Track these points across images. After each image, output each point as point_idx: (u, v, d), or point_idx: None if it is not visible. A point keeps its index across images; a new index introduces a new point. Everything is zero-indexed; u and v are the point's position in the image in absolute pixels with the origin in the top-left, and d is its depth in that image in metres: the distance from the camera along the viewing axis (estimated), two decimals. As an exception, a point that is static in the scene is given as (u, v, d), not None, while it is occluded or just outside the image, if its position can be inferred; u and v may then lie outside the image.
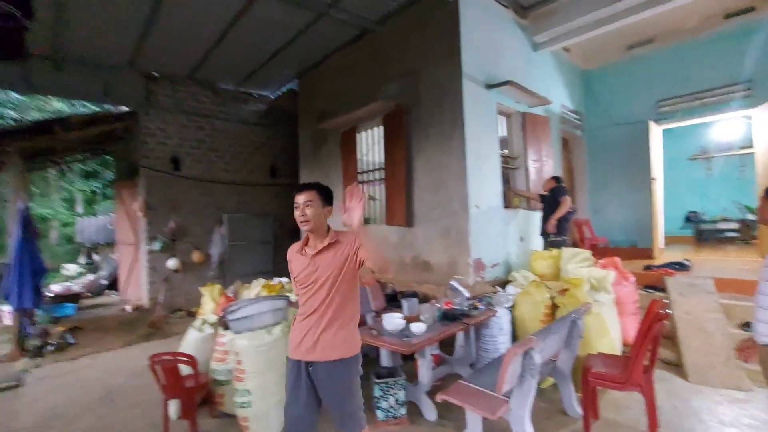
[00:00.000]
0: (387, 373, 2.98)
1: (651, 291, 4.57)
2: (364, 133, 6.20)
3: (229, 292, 4.11)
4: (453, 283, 3.87)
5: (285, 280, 4.43)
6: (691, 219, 8.50)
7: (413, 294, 4.25)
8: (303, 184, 2.00)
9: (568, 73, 7.09)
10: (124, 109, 6.86)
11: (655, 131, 6.77)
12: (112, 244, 9.80)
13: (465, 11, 4.67)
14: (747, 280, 4.19)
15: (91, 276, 10.20)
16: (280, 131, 8.50)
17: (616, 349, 3.51)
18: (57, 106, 12.41)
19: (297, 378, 1.91)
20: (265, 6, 4.97)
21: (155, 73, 6.93)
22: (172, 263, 6.92)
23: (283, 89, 8.14)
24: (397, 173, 5.27)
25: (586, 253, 4.32)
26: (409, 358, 3.23)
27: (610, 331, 3.48)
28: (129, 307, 7.12)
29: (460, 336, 3.73)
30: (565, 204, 5.00)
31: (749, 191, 7.37)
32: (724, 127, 8.00)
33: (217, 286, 4.05)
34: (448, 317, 3.27)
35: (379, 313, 3.61)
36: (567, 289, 3.66)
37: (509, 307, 3.75)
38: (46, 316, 5.66)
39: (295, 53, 6.37)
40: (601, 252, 5.77)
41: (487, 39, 5.04)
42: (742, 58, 5.92)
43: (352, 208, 1.74)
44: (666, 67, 6.70)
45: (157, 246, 6.85)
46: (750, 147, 6.96)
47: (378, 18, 5.44)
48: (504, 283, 4.49)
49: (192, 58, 6.48)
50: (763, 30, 5.77)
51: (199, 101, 7.47)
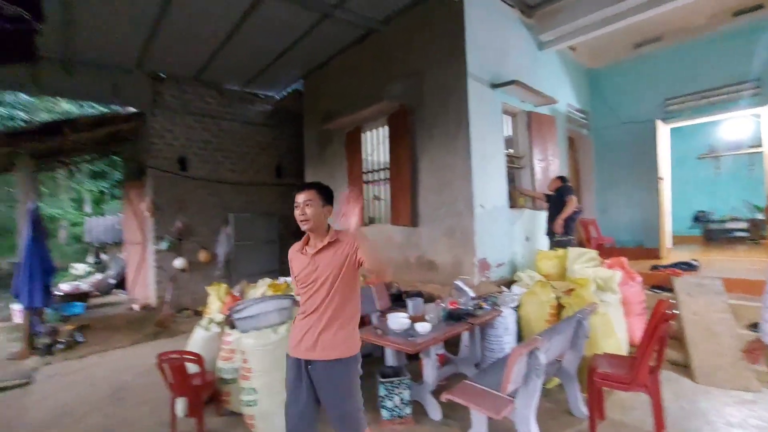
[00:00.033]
0: (392, 373, 2.99)
1: (658, 291, 4.53)
2: (368, 133, 6.21)
3: (236, 291, 4.14)
4: (458, 282, 3.87)
5: (290, 279, 4.44)
6: (699, 218, 8.41)
7: (418, 294, 4.25)
8: (303, 183, 2.01)
9: (574, 72, 7.05)
10: (131, 110, 6.95)
11: (663, 130, 6.70)
12: (119, 244, 9.91)
13: (470, 11, 4.67)
14: (756, 281, 4.15)
15: (99, 275, 10.31)
16: (286, 131, 8.53)
17: (623, 350, 3.49)
18: (66, 107, 12.56)
19: (297, 376, 1.91)
20: (271, 7, 5.01)
21: (162, 75, 6.99)
22: (179, 263, 6.97)
23: (289, 90, 8.18)
24: (402, 173, 5.28)
25: (593, 253, 4.30)
26: (414, 358, 3.23)
27: (616, 331, 3.47)
28: (136, 306, 7.20)
29: (465, 336, 3.73)
30: (571, 204, 4.98)
31: (758, 190, 7.29)
32: (733, 125, 7.90)
33: (224, 286, 4.07)
34: (453, 317, 3.27)
35: (384, 313, 3.62)
36: (573, 289, 3.65)
37: (514, 307, 3.75)
38: (55, 314, 5.73)
39: (300, 54, 6.40)
40: (607, 252, 5.73)
41: (493, 38, 5.02)
42: (750, 56, 5.85)
43: (347, 213, 1.72)
44: (673, 65, 6.64)
45: (164, 245, 6.92)
46: (759, 146, 6.86)
47: (383, 18, 5.45)
48: (509, 283, 4.48)
49: (198, 59, 6.53)
50: (772, 27, 5.71)
51: (206, 102, 7.53)
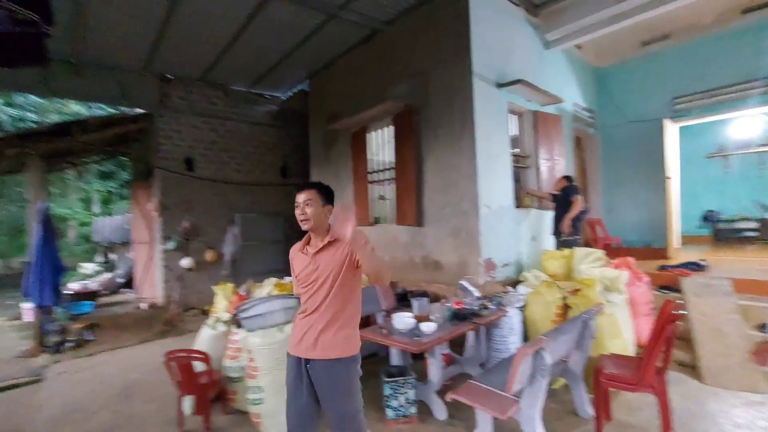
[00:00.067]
0: (397, 372, 2.99)
1: (666, 291, 4.49)
2: (374, 133, 6.22)
3: (242, 290, 4.17)
4: (463, 282, 3.86)
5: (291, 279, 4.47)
6: (708, 218, 8.31)
7: (423, 293, 4.25)
8: (303, 183, 2.01)
9: (581, 70, 7.00)
10: (139, 111, 7.02)
11: (671, 129, 6.64)
12: (127, 244, 10.01)
13: (475, 10, 4.66)
14: (766, 281, 4.10)
15: (107, 274, 10.44)
16: (291, 132, 8.57)
17: (629, 350, 3.47)
18: (75, 108, 12.72)
19: (297, 375, 1.91)
20: (277, 8, 5.04)
21: (169, 76, 7.06)
22: (186, 262, 7.03)
23: (294, 90, 8.21)
24: (407, 173, 5.28)
25: (599, 252, 4.27)
26: (419, 358, 3.24)
27: (622, 331, 3.44)
28: (144, 305, 7.28)
29: (471, 336, 3.73)
30: (578, 203, 4.96)
31: (769, 190, 7.20)
32: (742, 124, 7.80)
33: (230, 285, 4.10)
34: (459, 317, 3.26)
35: (389, 313, 3.63)
36: (579, 290, 3.63)
37: (520, 307, 3.73)
38: (65, 313, 5.80)
39: (306, 54, 6.43)
40: (614, 252, 5.69)
41: (498, 37, 5.01)
42: (760, 54, 5.78)
43: (341, 223, 1.66)
44: (682, 63, 6.58)
45: (171, 245, 6.98)
46: (769, 145, 6.79)
47: (388, 19, 5.45)
48: (515, 283, 4.46)
49: (205, 60, 6.59)
50: (783, 25, 5.64)
51: (212, 103, 7.59)
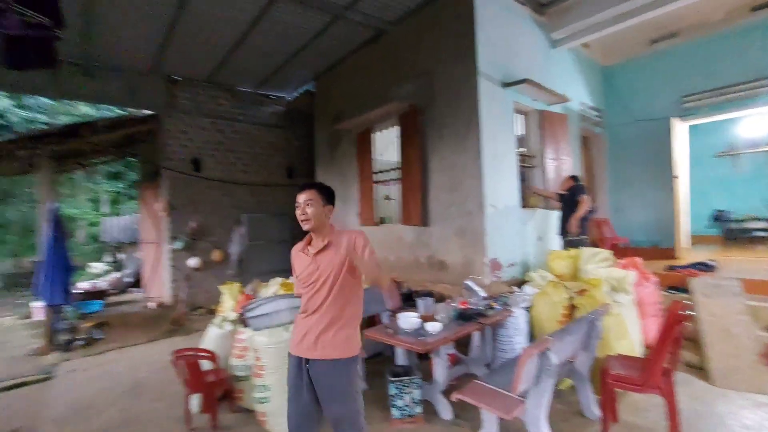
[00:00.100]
0: (402, 372, 3.00)
1: (674, 292, 4.45)
2: (379, 133, 6.23)
3: (248, 290, 4.19)
4: (469, 282, 3.86)
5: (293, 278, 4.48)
6: (717, 218, 8.21)
7: (429, 293, 4.24)
8: (304, 183, 2.03)
9: (588, 69, 6.95)
10: (147, 112, 7.09)
11: (679, 128, 6.57)
12: (135, 243, 10.13)
13: (481, 9, 4.64)
14: (776, 282, 4.04)
15: (116, 274, 10.57)
16: (297, 132, 8.61)
17: (636, 351, 3.44)
18: (84, 110, 12.88)
19: (298, 375, 1.92)
20: (283, 10, 5.07)
21: (177, 77, 7.12)
22: (193, 262, 7.10)
23: (300, 91, 8.24)
24: (413, 173, 5.28)
25: (606, 253, 4.23)
26: (424, 357, 3.24)
27: (629, 332, 3.42)
28: (152, 304, 7.35)
29: (476, 336, 3.72)
30: (585, 203, 4.92)
31: (779, 189, 7.10)
32: (752, 122, 7.70)
33: (237, 285, 4.12)
34: (464, 317, 3.26)
35: (395, 312, 3.63)
36: (585, 290, 3.60)
37: (526, 307, 3.72)
38: (74, 312, 5.88)
39: (311, 55, 6.46)
40: (621, 252, 5.64)
41: (504, 37, 4.99)
42: (770, 52, 5.71)
43: (390, 300, 1.80)
44: (690, 61, 6.50)
45: (178, 245, 7.04)
46: (780, 143, 6.70)
47: (393, 19, 5.46)
48: (521, 283, 4.45)
49: (212, 62, 6.63)
50: (794, 22, 5.56)
51: (219, 104, 7.64)
